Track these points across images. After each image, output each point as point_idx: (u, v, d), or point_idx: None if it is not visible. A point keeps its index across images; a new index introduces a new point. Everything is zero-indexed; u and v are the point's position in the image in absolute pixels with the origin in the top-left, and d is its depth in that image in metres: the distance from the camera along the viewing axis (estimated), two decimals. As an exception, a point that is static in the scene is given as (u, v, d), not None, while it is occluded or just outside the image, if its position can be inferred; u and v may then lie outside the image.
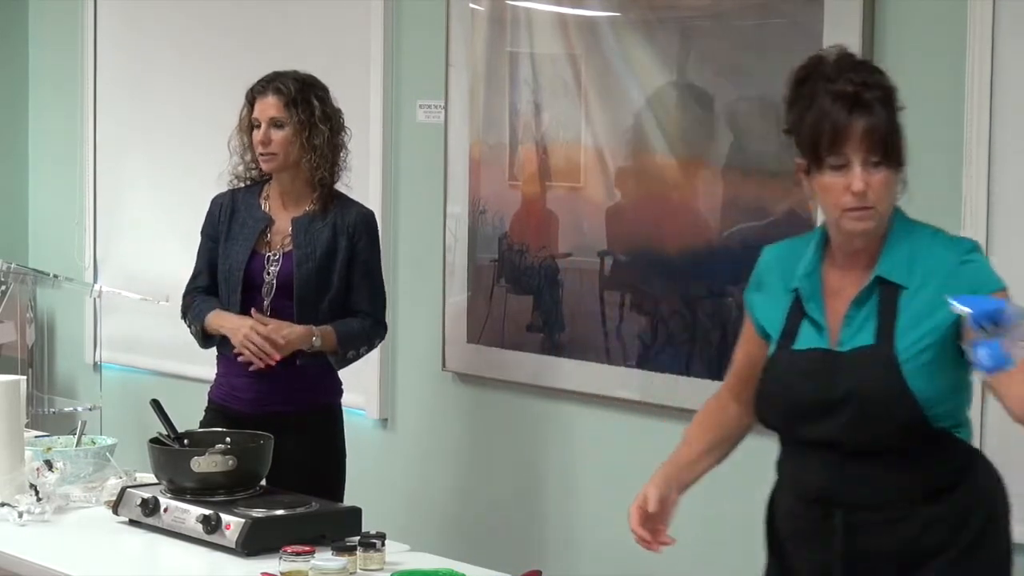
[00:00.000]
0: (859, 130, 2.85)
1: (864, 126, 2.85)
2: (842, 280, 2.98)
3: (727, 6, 4.27)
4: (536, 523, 4.85)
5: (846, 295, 2.96)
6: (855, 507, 2.93)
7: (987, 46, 3.74)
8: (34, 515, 3.74)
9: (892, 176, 2.88)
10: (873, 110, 2.86)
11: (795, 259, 3.05)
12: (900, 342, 2.88)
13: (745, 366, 3.18)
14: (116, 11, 6.27)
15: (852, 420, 2.90)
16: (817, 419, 2.94)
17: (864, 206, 2.87)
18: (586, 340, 4.63)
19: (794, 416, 3.00)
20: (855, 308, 2.94)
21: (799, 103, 2.93)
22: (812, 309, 2.98)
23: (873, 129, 2.85)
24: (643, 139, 4.47)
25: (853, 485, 2.93)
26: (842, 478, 2.94)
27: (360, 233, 4.32)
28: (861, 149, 2.85)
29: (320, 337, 4.24)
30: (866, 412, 2.89)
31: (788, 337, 3.02)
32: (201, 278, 4.43)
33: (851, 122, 2.85)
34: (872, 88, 2.88)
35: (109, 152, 6.33)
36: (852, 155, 2.86)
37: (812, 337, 2.98)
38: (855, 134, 2.85)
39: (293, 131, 4.27)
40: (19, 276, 6.07)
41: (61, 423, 5.88)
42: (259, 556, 3.40)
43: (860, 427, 2.90)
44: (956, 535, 2.91)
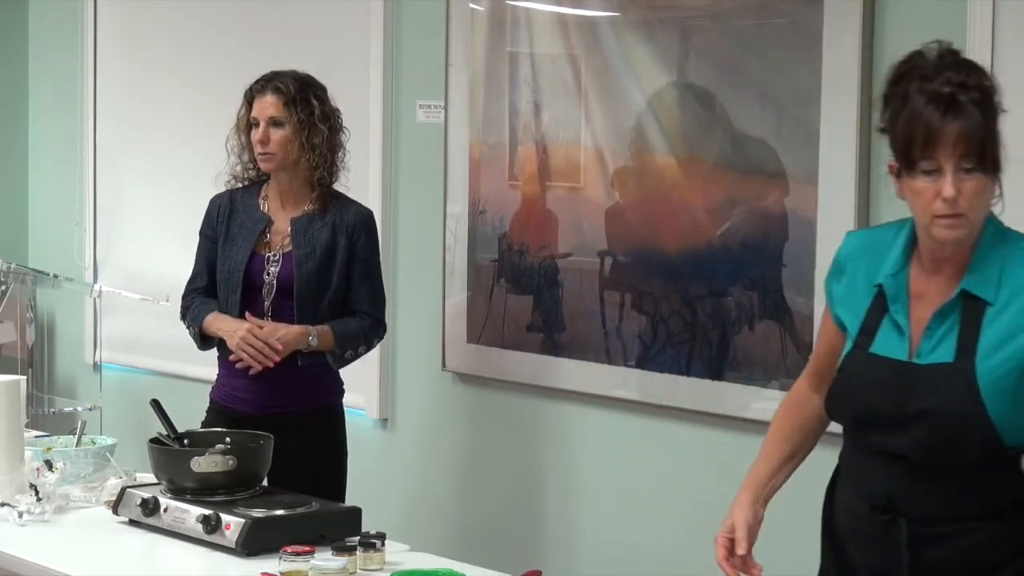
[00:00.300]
0: (952, 134, 2.72)
1: (957, 130, 2.72)
2: (927, 285, 2.88)
3: (727, 6, 4.27)
4: (536, 523, 4.85)
5: (929, 301, 2.86)
6: (920, 519, 2.85)
7: (987, 46, 3.74)
8: (34, 515, 3.74)
9: (986, 183, 2.76)
10: (968, 113, 2.73)
11: (880, 252, 2.94)
12: (981, 363, 2.78)
13: (826, 357, 3.06)
14: (116, 11, 6.27)
15: (924, 439, 2.81)
16: (888, 431, 2.86)
17: (955, 213, 2.76)
18: (586, 340, 4.63)
19: (864, 423, 2.91)
20: (937, 320, 2.84)
21: (893, 101, 2.81)
22: (897, 311, 2.88)
23: (967, 134, 2.72)
24: (643, 139, 4.47)
25: (919, 497, 2.85)
26: (909, 489, 2.86)
27: (359, 233, 4.32)
28: (954, 155, 2.73)
29: (317, 337, 4.24)
30: (939, 433, 2.80)
31: (866, 336, 2.91)
32: (200, 279, 4.43)
33: (944, 125, 2.73)
34: (970, 89, 2.74)
35: (109, 152, 6.32)
36: (944, 160, 2.74)
37: (892, 342, 2.88)
38: (948, 138, 2.72)
39: (292, 130, 4.27)
40: (19, 276, 6.07)
41: (61, 423, 5.88)
42: (259, 556, 3.40)
43: (932, 446, 2.81)
44: (1015, 554, 2.83)
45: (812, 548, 3.16)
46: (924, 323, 2.85)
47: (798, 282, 4.11)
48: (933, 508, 2.84)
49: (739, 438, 4.28)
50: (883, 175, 3.96)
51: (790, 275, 4.14)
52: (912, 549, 2.85)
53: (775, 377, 4.18)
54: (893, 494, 2.87)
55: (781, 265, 4.16)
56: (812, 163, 4.07)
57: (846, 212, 3.99)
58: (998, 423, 2.77)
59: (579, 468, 4.74)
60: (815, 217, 4.06)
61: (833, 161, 4.02)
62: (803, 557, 3.23)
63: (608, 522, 4.66)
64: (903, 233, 2.93)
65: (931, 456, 2.82)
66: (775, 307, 4.18)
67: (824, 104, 4.02)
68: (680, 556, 4.49)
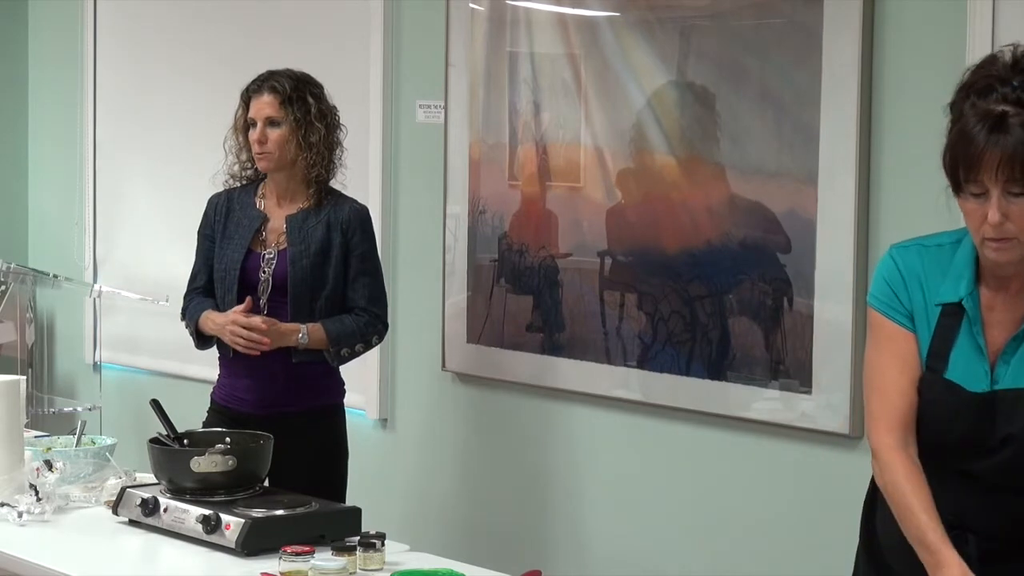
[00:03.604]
0: (996, 157, 2.62)
1: (1001, 153, 2.62)
2: (992, 301, 2.80)
3: (727, 6, 4.27)
4: (536, 523, 4.85)
5: (998, 320, 2.79)
6: (988, 534, 2.81)
7: (987, 46, 3.74)
8: (34, 515, 3.74)
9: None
10: (1014, 133, 2.62)
11: (940, 267, 2.84)
12: None
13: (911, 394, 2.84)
14: (116, 11, 6.27)
15: (1007, 464, 2.76)
16: (967, 457, 2.80)
17: (1003, 237, 2.68)
18: (586, 340, 4.63)
19: (942, 448, 2.82)
20: (1014, 342, 2.76)
21: (953, 115, 2.74)
22: (976, 333, 2.79)
23: (1012, 156, 2.62)
24: (643, 139, 4.47)
25: (992, 514, 2.81)
26: (981, 507, 2.81)
27: (354, 229, 4.32)
28: (999, 178, 2.63)
29: (308, 334, 4.24)
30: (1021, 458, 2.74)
31: (938, 358, 2.80)
32: (199, 278, 4.44)
33: (987, 147, 2.63)
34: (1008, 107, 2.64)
35: (109, 152, 6.33)
36: (989, 184, 2.64)
37: (968, 368, 2.79)
38: (992, 161, 2.63)
39: (289, 129, 4.27)
40: (19, 276, 6.06)
41: (61, 423, 5.88)
42: (259, 556, 3.40)
43: (1015, 471, 2.77)
44: None
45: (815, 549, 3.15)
46: (996, 344, 2.79)
47: (798, 282, 4.11)
48: (1002, 524, 2.80)
49: (739, 438, 4.28)
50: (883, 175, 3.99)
51: (790, 275, 4.14)
52: (983, 564, 2.78)
53: (775, 377, 4.18)
54: (963, 512, 2.81)
55: (781, 265, 4.16)
56: (812, 163, 4.07)
57: (846, 212, 3.99)
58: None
59: (579, 468, 4.74)
60: (815, 217, 4.06)
61: (833, 161, 4.02)
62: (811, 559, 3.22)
63: (608, 522, 4.66)
64: (964, 248, 2.83)
65: (1013, 479, 2.78)
66: (775, 307, 4.18)
67: (824, 104, 4.02)
68: (680, 556, 4.49)
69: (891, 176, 3.95)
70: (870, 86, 3.95)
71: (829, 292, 4.03)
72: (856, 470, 3.15)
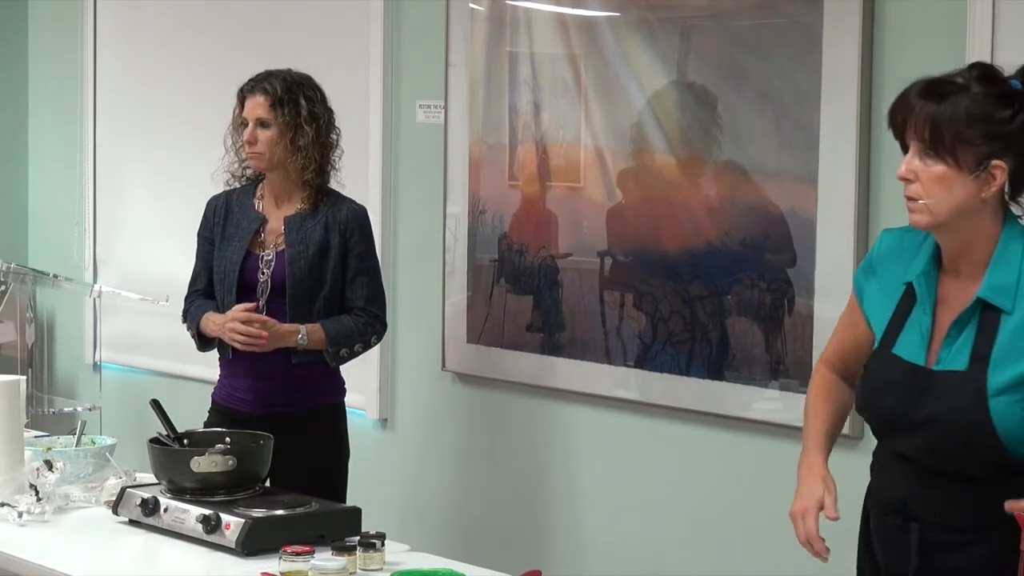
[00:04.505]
0: (921, 121, 2.76)
1: (926, 118, 2.76)
2: (949, 287, 2.88)
3: (727, 6, 4.27)
4: (536, 523, 4.85)
5: (949, 305, 2.86)
6: (929, 523, 2.86)
7: (987, 46, 3.74)
8: (34, 515, 3.74)
9: (947, 175, 2.76)
10: (944, 105, 2.75)
11: (912, 250, 2.95)
12: (993, 374, 2.77)
13: (851, 348, 3.07)
14: (116, 12, 6.27)
15: (929, 444, 2.83)
16: (899, 433, 2.88)
17: (911, 197, 2.81)
18: (586, 340, 4.63)
19: (880, 424, 2.95)
20: (956, 327, 2.83)
21: None
22: (922, 312, 2.88)
23: (935, 124, 2.75)
24: (643, 139, 4.47)
25: (930, 503, 2.86)
26: (921, 495, 2.87)
27: (352, 229, 4.32)
28: (919, 140, 2.77)
29: (307, 336, 4.24)
30: (945, 440, 2.80)
31: (891, 336, 2.92)
32: (199, 280, 4.44)
33: (916, 110, 2.77)
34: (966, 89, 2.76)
35: (109, 152, 6.32)
36: (911, 143, 2.80)
37: (913, 344, 2.88)
38: (916, 123, 2.77)
39: (278, 131, 4.27)
40: (19, 276, 6.06)
41: (61, 423, 5.88)
42: (259, 556, 3.40)
43: (938, 452, 2.82)
44: None
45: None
46: (945, 327, 2.84)
47: (798, 282, 4.11)
48: (947, 514, 2.84)
49: (739, 438, 4.28)
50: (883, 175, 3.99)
51: (790, 275, 4.14)
52: (926, 554, 2.85)
53: (775, 377, 4.18)
54: (907, 498, 2.87)
55: (781, 265, 4.16)
56: (812, 163, 4.07)
57: (846, 212, 3.99)
58: (1003, 435, 2.76)
59: (579, 468, 4.74)
60: (815, 217, 4.06)
61: (833, 161, 4.02)
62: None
63: (608, 522, 4.66)
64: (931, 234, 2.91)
65: (938, 462, 2.83)
66: (775, 307, 4.18)
67: (824, 104, 4.02)
68: (680, 556, 4.49)
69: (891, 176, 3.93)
70: (870, 86, 3.95)
71: (829, 292, 4.03)
72: (856, 470, 3.15)
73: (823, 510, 2.96)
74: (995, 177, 2.76)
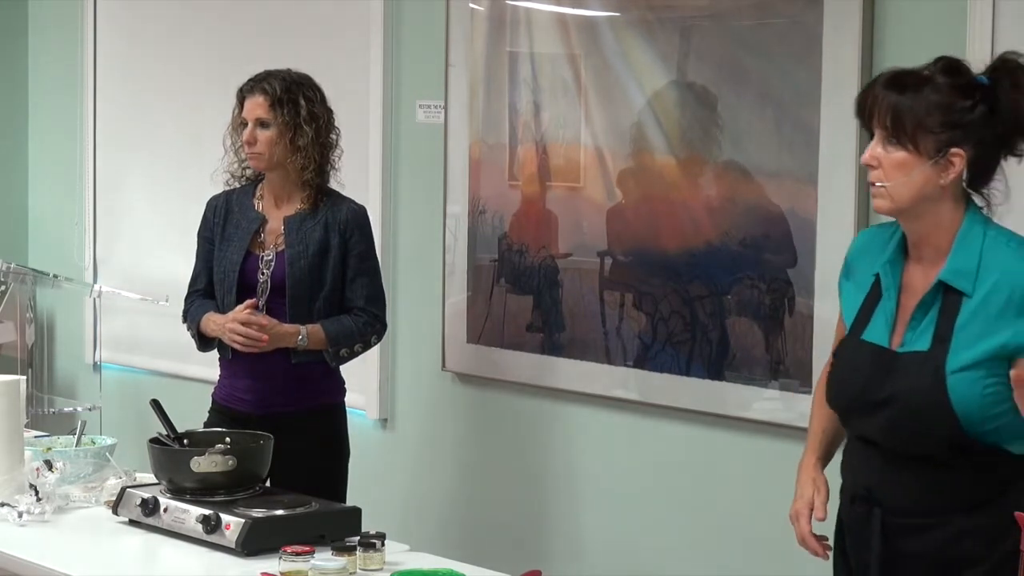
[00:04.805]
0: (884, 110, 2.88)
1: (888, 107, 2.88)
2: (913, 273, 2.97)
3: (727, 6, 4.27)
4: (536, 523, 4.85)
5: (914, 291, 2.94)
6: (893, 509, 2.92)
7: (987, 46, 3.74)
8: (34, 515, 3.74)
9: (907, 160, 2.87)
10: (906, 94, 2.87)
11: (883, 243, 3.03)
12: (953, 354, 2.84)
13: None
14: (116, 11, 6.27)
15: (889, 424, 2.89)
16: (862, 415, 2.95)
17: (871, 181, 2.92)
18: (586, 340, 4.63)
19: (845, 407, 3.01)
20: (920, 310, 2.90)
21: None
22: (887, 299, 2.97)
23: (896, 113, 2.87)
24: (643, 139, 4.47)
25: (892, 486, 2.92)
26: (882, 478, 2.93)
27: (352, 229, 4.31)
28: (882, 128, 2.89)
29: (307, 337, 4.24)
30: (904, 419, 2.86)
31: (861, 324, 3.01)
32: (199, 281, 4.44)
33: (880, 99, 2.89)
34: (929, 81, 2.88)
35: (109, 152, 6.32)
36: (876, 130, 2.91)
37: (879, 330, 2.97)
38: (879, 112, 2.90)
39: (278, 132, 4.26)
40: (19, 276, 6.06)
41: (61, 423, 5.88)
42: (259, 556, 3.40)
43: (897, 432, 2.88)
44: (990, 549, 2.86)
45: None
46: (910, 312, 2.92)
47: (798, 282, 4.11)
48: (908, 499, 2.90)
49: (739, 438, 4.28)
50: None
51: (790, 275, 4.14)
52: (889, 540, 2.91)
53: (775, 377, 4.18)
54: (871, 484, 2.94)
55: (781, 265, 4.16)
56: (812, 163, 4.07)
57: (846, 212, 3.99)
58: (961, 413, 2.81)
59: (579, 468, 4.74)
60: (815, 217, 4.06)
61: (833, 161, 4.02)
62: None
63: (608, 522, 4.66)
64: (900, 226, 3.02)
65: (897, 442, 2.89)
66: (775, 307, 4.18)
67: (824, 104, 4.02)
68: (679, 556, 4.49)
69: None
70: (870, 86, 3.94)
71: (829, 292, 4.01)
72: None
73: (814, 511, 3.05)
74: (954, 164, 2.87)
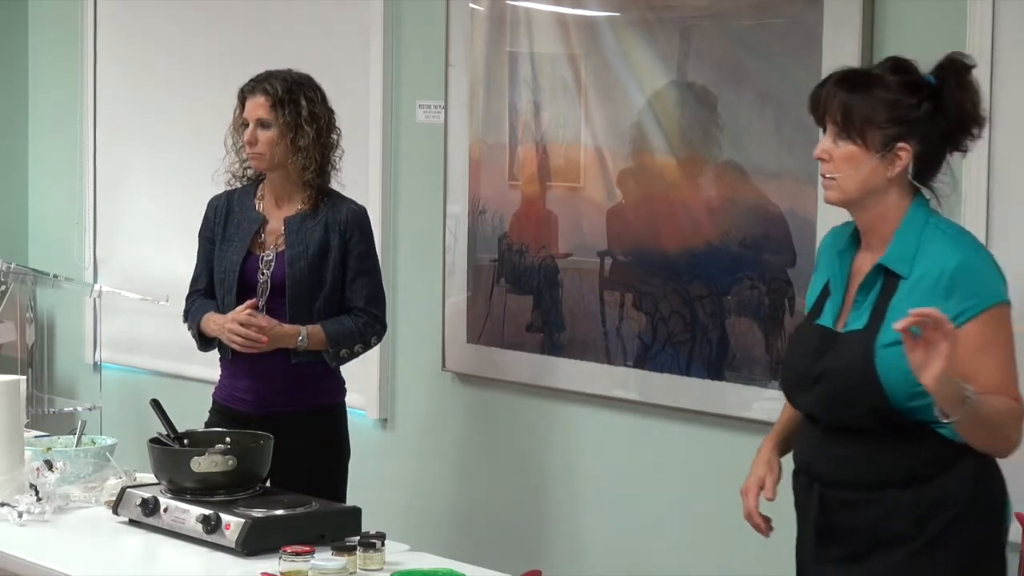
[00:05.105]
0: (835, 106, 3.04)
1: (838, 103, 3.03)
2: (862, 260, 3.11)
3: (727, 6, 4.27)
4: (536, 523, 4.85)
5: (861, 275, 3.09)
6: (830, 483, 3.04)
7: (987, 46, 3.74)
8: (34, 515, 3.74)
9: (856, 154, 3.02)
10: (855, 92, 3.02)
11: (843, 239, 3.19)
12: (883, 332, 2.96)
13: None
14: (116, 11, 6.27)
15: (824, 398, 3.03)
16: (803, 391, 3.10)
17: (823, 174, 3.08)
18: (586, 340, 4.63)
19: (790, 385, 3.18)
20: (862, 293, 3.05)
21: None
22: (835, 285, 3.12)
23: (846, 109, 3.02)
24: (643, 139, 4.47)
25: (829, 460, 3.05)
26: (820, 453, 3.06)
27: (352, 230, 4.31)
28: (834, 123, 3.05)
29: (307, 337, 4.24)
30: (836, 393, 3.01)
31: (816, 311, 3.17)
32: (200, 281, 4.44)
33: (831, 94, 3.05)
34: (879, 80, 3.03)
35: (109, 152, 6.32)
36: (828, 125, 3.07)
37: (828, 314, 3.12)
38: (831, 108, 3.05)
39: (279, 132, 4.26)
40: (19, 276, 6.06)
41: (61, 423, 5.88)
42: (259, 556, 3.40)
43: (831, 407, 3.02)
44: (920, 527, 2.96)
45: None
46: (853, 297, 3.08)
47: (798, 282, 4.11)
48: (840, 472, 3.03)
49: (739, 438, 4.28)
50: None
51: (790, 275, 4.14)
52: (827, 514, 3.04)
53: (775, 377, 4.17)
54: (810, 459, 3.08)
55: (781, 265, 4.16)
56: (812, 163, 4.04)
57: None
58: (887, 387, 2.93)
59: (579, 468, 4.74)
60: (815, 217, 4.06)
61: (833, 161, 4.01)
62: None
63: (608, 522, 4.66)
64: None
65: (832, 416, 3.03)
66: (775, 307, 4.18)
67: (824, 104, 4.02)
68: (679, 556, 4.49)
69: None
70: (870, 86, 3.94)
71: (829, 292, 4.02)
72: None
73: (764, 490, 3.20)
74: (900, 158, 3.02)
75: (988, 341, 2.92)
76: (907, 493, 2.96)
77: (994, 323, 2.94)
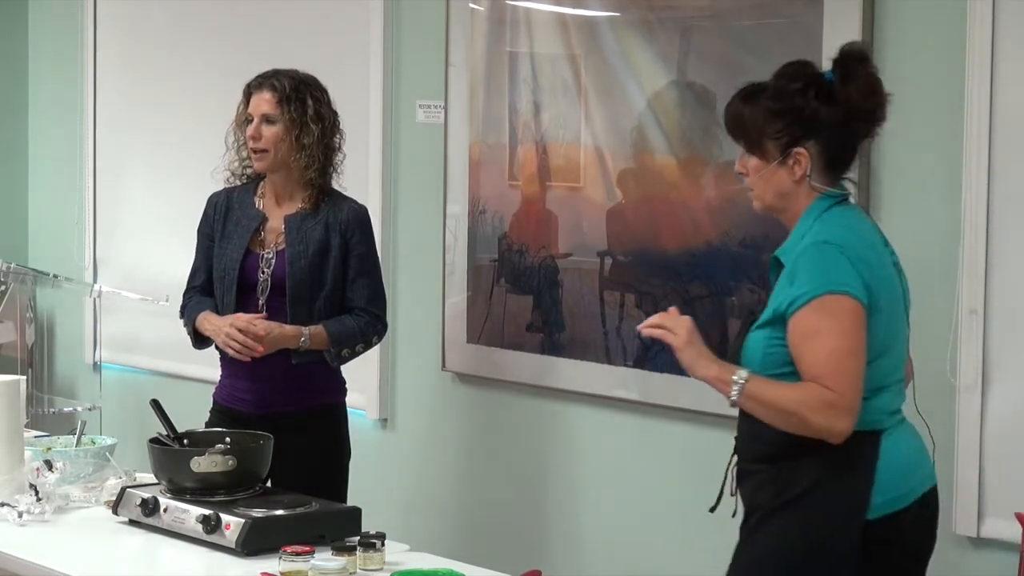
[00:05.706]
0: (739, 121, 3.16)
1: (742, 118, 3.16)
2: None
3: (727, 6, 4.27)
4: (536, 523, 4.85)
5: None
6: (739, 455, 3.24)
7: (987, 46, 3.74)
8: (34, 515, 3.74)
9: (762, 167, 3.15)
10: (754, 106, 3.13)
11: None
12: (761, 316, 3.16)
13: None
14: (116, 11, 6.27)
15: None
16: None
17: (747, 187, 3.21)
18: (586, 340, 4.63)
19: None
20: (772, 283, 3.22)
21: None
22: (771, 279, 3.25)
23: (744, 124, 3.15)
24: (643, 139, 4.47)
25: (739, 436, 3.22)
26: (738, 428, 3.23)
27: (353, 229, 4.31)
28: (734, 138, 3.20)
29: (309, 337, 4.23)
30: None
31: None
32: (198, 277, 4.43)
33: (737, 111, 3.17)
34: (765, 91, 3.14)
35: (109, 152, 6.33)
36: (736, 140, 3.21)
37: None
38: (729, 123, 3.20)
39: (284, 128, 4.26)
40: (19, 276, 6.07)
41: (61, 423, 5.88)
42: (259, 556, 3.40)
43: None
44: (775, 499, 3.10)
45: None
46: None
47: (798, 282, 4.11)
48: (741, 447, 3.22)
49: (739, 438, 4.28)
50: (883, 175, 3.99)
51: (790, 275, 4.14)
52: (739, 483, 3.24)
53: (775, 377, 4.17)
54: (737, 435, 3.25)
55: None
56: (812, 163, 4.06)
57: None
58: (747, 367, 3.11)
59: (579, 468, 4.74)
60: (815, 217, 4.05)
61: (833, 161, 4.01)
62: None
63: (608, 522, 4.66)
64: None
65: None
66: (775, 307, 4.17)
67: (824, 104, 4.02)
68: (679, 556, 4.49)
69: (891, 177, 3.95)
70: (870, 86, 3.94)
71: (829, 292, 4.02)
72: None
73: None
74: (800, 163, 3.12)
75: (813, 329, 3.01)
76: (774, 469, 3.11)
77: (823, 311, 3.01)
